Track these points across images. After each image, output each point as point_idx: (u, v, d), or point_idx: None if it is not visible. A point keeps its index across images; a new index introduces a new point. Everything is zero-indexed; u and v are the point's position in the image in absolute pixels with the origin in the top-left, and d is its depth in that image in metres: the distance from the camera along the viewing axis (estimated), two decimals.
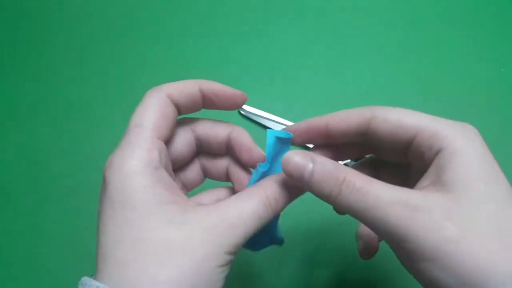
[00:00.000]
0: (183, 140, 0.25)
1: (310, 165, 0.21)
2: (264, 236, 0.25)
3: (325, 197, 0.20)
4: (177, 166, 0.25)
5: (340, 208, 0.20)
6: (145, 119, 0.21)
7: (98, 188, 0.21)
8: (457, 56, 0.47)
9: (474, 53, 0.47)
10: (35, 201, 0.40)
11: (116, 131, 0.42)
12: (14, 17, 0.50)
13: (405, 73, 0.46)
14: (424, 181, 0.21)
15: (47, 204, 0.39)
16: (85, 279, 0.18)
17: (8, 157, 0.42)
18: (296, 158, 0.21)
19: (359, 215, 0.20)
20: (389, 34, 0.48)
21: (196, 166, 0.27)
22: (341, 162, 0.26)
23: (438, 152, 0.20)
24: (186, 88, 0.24)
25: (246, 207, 0.21)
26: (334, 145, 0.25)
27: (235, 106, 0.25)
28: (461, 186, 0.19)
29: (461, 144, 0.20)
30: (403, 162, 0.24)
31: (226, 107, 0.25)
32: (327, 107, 0.44)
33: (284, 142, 0.24)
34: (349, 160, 0.37)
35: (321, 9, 0.50)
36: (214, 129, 0.25)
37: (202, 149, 0.26)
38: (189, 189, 0.27)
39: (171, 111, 0.23)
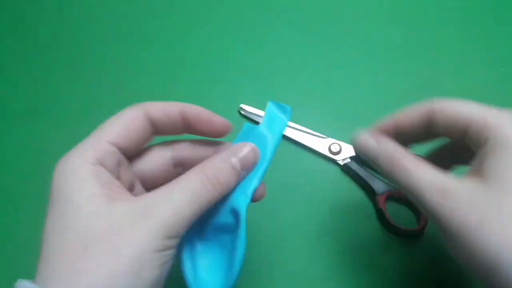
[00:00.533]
0: (157, 161, 0.25)
1: (375, 145, 0.25)
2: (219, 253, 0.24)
3: (381, 171, 0.24)
4: (132, 154, 0.24)
5: (389, 180, 0.24)
6: (108, 125, 0.22)
7: None
8: (457, 56, 0.47)
9: (474, 53, 0.47)
10: (35, 201, 0.40)
11: None
12: (14, 17, 0.50)
13: (404, 73, 0.46)
14: (470, 169, 0.22)
15: (46, 204, 0.39)
16: (20, 282, 0.19)
17: (8, 157, 0.42)
18: (365, 136, 0.25)
19: (403, 189, 0.23)
20: (389, 34, 0.48)
21: (157, 155, 0.26)
22: None
23: (485, 142, 0.22)
24: (166, 108, 0.24)
25: (178, 185, 0.20)
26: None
27: (216, 135, 0.25)
28: (496, 175, 0.20)
29: (505, 134, 0.21)
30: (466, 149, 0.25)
31: (208, 134, 0.25)
32: (327, 106, 0.44)
33: (283, 111, 0.27)
34: None
35: (322, 9, 0.50)
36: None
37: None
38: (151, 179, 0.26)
39: (141, 125, 0.23)
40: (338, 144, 0.40)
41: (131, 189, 0.24)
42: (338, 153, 0.40)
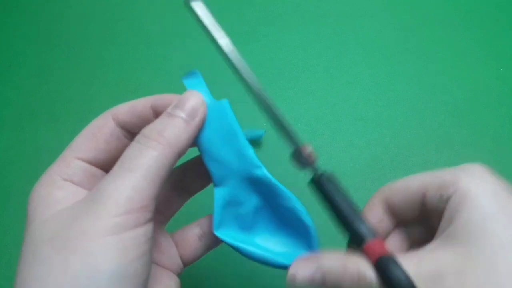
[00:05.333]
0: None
1: (318, 275, 0.20)
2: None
3: None
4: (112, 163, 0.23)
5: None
6: (76, 141, 0.22)
7: None
8: (456, 56, 0.47)
9: (473, 53, 0.47)
10: None
11: None
12: (14, 16, 0.50)
13: (404, 73, 0.46)
14: (437, 236, 0.19)
15: None
16: None
17: (8, 157, 0.42)
18: (300, 272, 0.20)
19: None
20: (388, 35, 0.48)
21: None
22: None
23: (448, 201, 0.19)
24: (134, 107, 0.22)
25: (123, 160, 0.19)
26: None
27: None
28: (475, 234, 0.17)
29: (468, 186, 0.19)
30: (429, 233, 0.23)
31: None
32: (328, 107, 0.44)
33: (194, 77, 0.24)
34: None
35: (322, 10, 0.50)
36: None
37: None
38: None
39: (109, 133, 0.22)
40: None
41: None
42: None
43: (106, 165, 0.22)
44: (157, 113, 0.22)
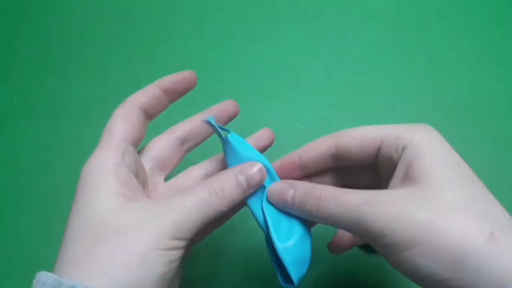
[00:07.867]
0: (163, 145, 0.28)
1: (291, 191, 0.24)
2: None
3: (308, 213, 0.23)
4: (138, 146, 0.27)
5: (320, 220, 0.23)
6: (113, 125, 0.25)
7: None
8: (455, 56, 0.47)
9: (473, 53, 0.47)
10: (36, 201, 0.40)
11: None
12: (14, 16, 0.50)
13: (404, 73, 0.46)
14: (394, 180, 0.23)
15: (47, 204, 0.39)
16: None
17: (8, 157, 0.42)
18: (278, 187, 0.25)
19: (337, 222, 0.22)
20: (388, 35, 0.48)
21: (163, 141, 0.29)
22: None
23: (403, 150, 0.23)
24: (148, 91, 0.27)
25: (189, 193, 0.23)
26: (309, 175, 0.28)
27: (190, 85, 0.28)
28: (426, 174, 0.21)
29: (421, 139, 0.23)
30: (374, 178, 0.27)
31: (187, 89, 0.28)
32: (327, 108, 0.44)
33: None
34: None
35: (322, 10, 0.50)
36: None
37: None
38: None
39: (136, 117, 0.26)
40: None
41: (145, 181, 0.26)
42: None
43: (137, 143, 0.26)
44: (164, 90, 0.27)
